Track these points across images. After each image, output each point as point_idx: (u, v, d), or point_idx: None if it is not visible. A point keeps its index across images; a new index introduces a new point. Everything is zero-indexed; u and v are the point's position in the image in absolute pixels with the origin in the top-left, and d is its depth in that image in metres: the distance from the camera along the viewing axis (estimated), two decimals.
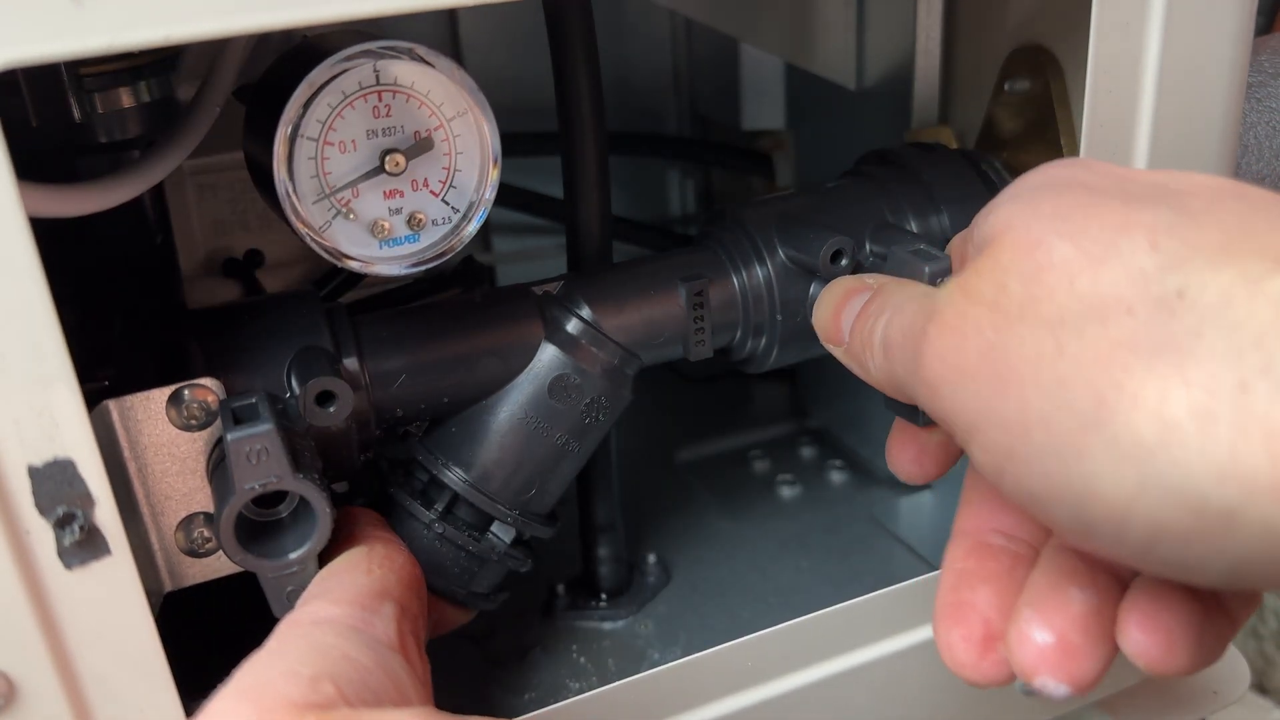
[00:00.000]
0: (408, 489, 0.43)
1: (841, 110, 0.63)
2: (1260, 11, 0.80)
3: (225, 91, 0.39)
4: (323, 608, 0.35)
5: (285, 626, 0.34)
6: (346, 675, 0.32)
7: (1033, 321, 0.27)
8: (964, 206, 0.47)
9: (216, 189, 0.59)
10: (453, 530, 0.42)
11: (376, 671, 0.33)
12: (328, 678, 0.31)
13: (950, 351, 0.29)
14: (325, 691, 0.31)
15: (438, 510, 0.42)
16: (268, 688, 0.31)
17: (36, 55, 0.27)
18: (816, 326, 0.40)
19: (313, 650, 0.33)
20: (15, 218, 0.28)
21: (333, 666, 0.32)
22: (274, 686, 0.31)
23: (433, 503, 0.42)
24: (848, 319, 0.37)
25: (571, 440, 0.43)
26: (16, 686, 0.32)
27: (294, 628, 0.34)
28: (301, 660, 0.32)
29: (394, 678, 0.33)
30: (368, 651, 0.34)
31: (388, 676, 0.33)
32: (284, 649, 0.33)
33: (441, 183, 0.37)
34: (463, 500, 0.43)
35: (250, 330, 0.39)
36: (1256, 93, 0.61)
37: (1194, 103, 0.44)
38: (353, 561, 0.38)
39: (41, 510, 0.31)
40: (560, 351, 0.42)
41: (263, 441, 0.33)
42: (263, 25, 0.30)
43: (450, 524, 0.42)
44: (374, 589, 0.37)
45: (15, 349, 0.30)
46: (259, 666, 0.32)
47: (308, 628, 0.34)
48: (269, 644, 0.33)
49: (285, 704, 0.30)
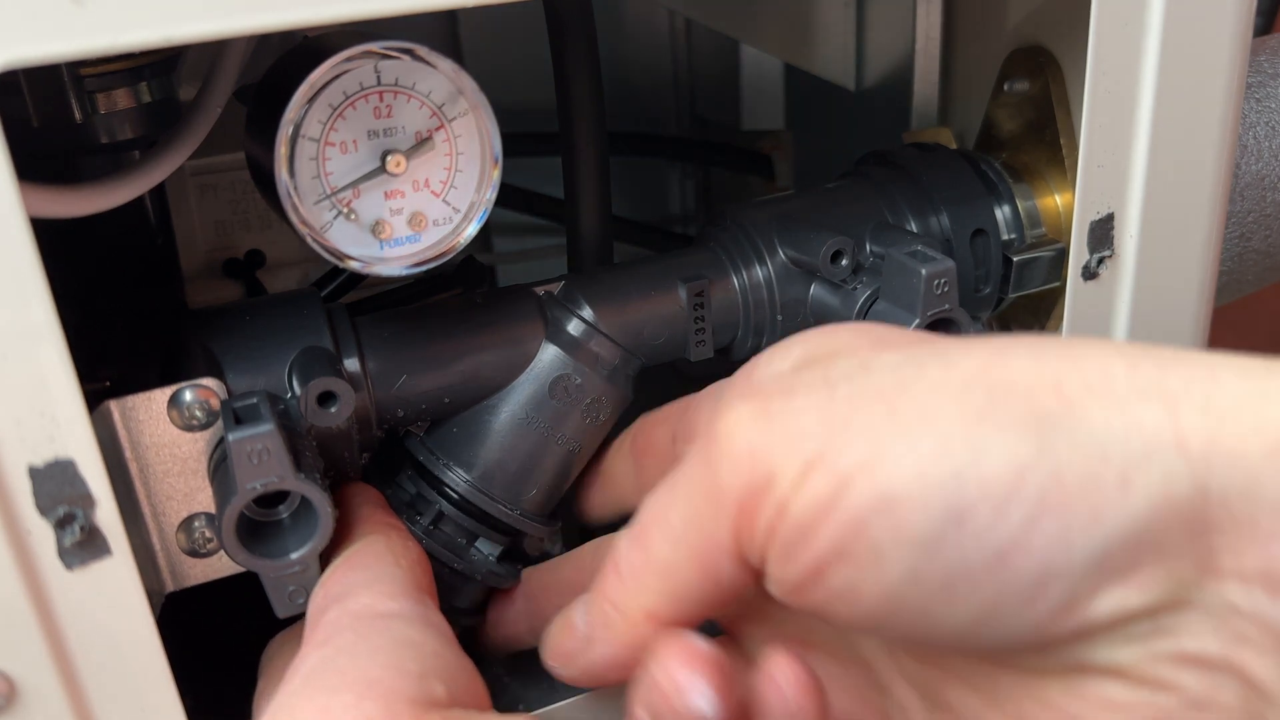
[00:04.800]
0: (394, 502, 0.43)
1: (841, 111, 0.63)
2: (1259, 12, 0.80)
3: (226, 92, 0.39)
4: (379, 600, 0.34)
5: (349, 619, 0.33)
6: (445, 673, 0.31)
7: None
8: (963, 207, 0.47)
9: (217, 189, 0.59)
10: (438, 545, 0.42)
11: (463, 669, 0.32)
12: (434, 675, 0.30)
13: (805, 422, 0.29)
14: (436, 691, 0.30)
15: (423, 524, 0.42)
16: (383, 685, 0.29)
17: (37, 55, 0.27)
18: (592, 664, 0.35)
19: (405, 645, 0.32)
20: (16, 218, 0.28)
21: (431, 664, 0.31)
22: (390, 684, 0.30)
23: (419, 516, 0.42)
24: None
25: (572, 440, 0.43)
26: (17, 687, 0.32)
27: (364, 621, 0.33)
28: (399, 656, 0.31)
29: (472, 675, 0.33)
30: (448, 648, 0.33)
31: (468, 674, 0.32)
32: (369, 644, 0.32)
33: (442, 183, 0.37)
34: (448, 516, 0.43)
35: (251, 331, 0.39)
36: (1256, 93, 0.61)
37: (1193, 103, 0.44)
38: (377, 551, 0.37)
39: (42, 510, 0.31)
40: (561, 352, 0.42)
41: (264, 441, 0.33)
42: (263, 26, 0.30)
43: (435, 539, 0.42)
44: (413, 581, 0.36)
45: (16, 349, 0.30)
46: (357, 661, 0.31)
47: (382, 621, 0.33)
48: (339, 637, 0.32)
49: (407, 702, 0.29)
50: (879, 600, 0.27)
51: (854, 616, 0.28)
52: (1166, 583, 0.26)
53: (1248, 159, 0.59)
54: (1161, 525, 0.25)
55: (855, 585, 0.27)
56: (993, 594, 0.26)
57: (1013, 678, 0.29)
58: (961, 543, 0.26)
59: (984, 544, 0.26)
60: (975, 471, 0.26)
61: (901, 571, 0.27)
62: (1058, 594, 0.26)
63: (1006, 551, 0.26)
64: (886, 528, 0.26)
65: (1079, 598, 0.26)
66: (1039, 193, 0.48)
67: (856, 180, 0.49)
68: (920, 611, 0.27)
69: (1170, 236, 0.46)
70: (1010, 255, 0.48)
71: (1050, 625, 0.26)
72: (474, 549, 0.43)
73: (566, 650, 0.35)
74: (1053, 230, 0.48)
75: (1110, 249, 0.45)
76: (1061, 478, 0.26)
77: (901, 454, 0.27)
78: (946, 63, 0.54)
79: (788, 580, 0.29)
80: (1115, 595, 0.26)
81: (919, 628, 0.28)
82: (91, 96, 0.39)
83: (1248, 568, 0.25)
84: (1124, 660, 0.27)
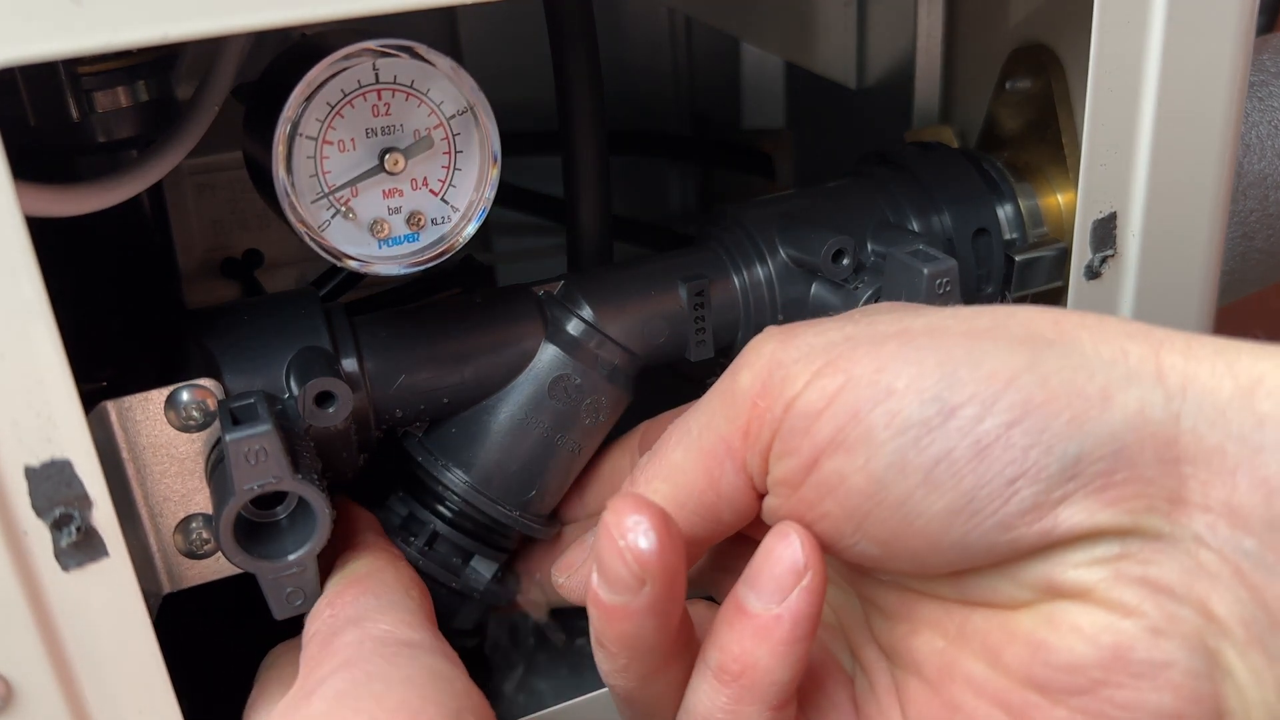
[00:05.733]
0: (386, 524, 0.42)
1: (842, 109, 0.63)
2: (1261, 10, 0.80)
3: (224, 90, 0.39)
4: (400, 628, 0.35)
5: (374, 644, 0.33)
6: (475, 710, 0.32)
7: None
8: (965, 206, 0.47)
9: (215, 188, 0.59)
10: (433, 565, 0.42)
11: (485, 706, 0.33)
12: (468, 711, 0.31)
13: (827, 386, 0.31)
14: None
15: (417, 546, 0.42)
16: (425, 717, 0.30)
17: (34, 54, 0.27)
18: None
19: (437, 678, 0.33)
20: (13, 217, 0.28)
21: (462, 700, 0.32)
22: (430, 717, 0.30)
23: (412, 538, 0.42)
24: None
25: (572, 441, 0.43)
26: (14, 689, 0.32)
27: (390, 648, 0.33)
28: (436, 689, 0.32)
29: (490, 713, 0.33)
30: (471, 684, 0.33)
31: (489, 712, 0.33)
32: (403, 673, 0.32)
33: (441, 182, 0.37)
34: (443, 536, 0.42)
35: (249, 330, 0.39)
36: (1258, 91, 0.61)
37: (1195, 101, 0.44)
38: (387, 580, 0.37)
39: (38, 511, 0.31)
40: (561, 352, 0.42)
41: (261, 442, 0.33)
42: (261, 24, 0.29)
43: (431, 559, 0.42)
44: (425, 609, 0.37)
45: (12, 349, 0.29)
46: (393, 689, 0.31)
47: (409, 650, 0.33)
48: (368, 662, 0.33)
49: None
50: (863, 489, 0.29)
51: (837, 515, 0.30)
52: (1136, 506, 0.27)
53: (1250, 157, 0.59)
54: (1137, 444, 0.27)
55: (844, 474, 0.30)
56: (971, 485, 0.28)
57: (983, 615, 0.31)
58: (948, 434, 0.28)
59: (969, 436, 0.28)
60: (970, 373, 0.28)
61: (889, 457, 0.29)
62: (1031, 492, 0.28)
63: (989, 445, 0.28)
64: (882, 414, 0.29)
65: (1051, 501, 0.28)
66: (1041, 192, 0.48)
67: (858, 179, 0.49)
68: (900, 504, 0.29)
69: (1173, 236, 0.46)
70: (1012, 255, 0.47)
71: (1020, 525, 0.28)
72: (470, 568, 0.43)
73: (572, 559, 0.37)
74: (1055, 229, 0.48)
75: (1113, 248, 0.45)
76: (1048, 384, 0.28)
77: (907, 361, 0.29)
78: (948, 61, 0.54)
79: (782, 476, 0.31)
80: (1086, 507, 0.28)
81: (895, 528, 0.29)
82: (89, 95, 0.39)
83: (1213, 499, 0.27)
84: (1090, 581, 0.28)
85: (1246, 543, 0.26)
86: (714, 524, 0.34)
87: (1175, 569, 0.27)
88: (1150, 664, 0.27)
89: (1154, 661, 0.27)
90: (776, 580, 0.30)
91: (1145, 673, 0.28)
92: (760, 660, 0.30)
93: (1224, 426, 0.27)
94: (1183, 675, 0.27)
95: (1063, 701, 0.29)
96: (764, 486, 0.33)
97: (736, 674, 0.30)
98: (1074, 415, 0.28)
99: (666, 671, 0.32)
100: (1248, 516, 0.26)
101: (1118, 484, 0.27)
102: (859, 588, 0.36)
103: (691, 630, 0.33)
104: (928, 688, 0.32)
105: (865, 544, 0.30)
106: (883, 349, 0.30)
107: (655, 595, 0.29)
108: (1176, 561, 0.27)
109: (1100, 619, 0.28)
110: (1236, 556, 0.27)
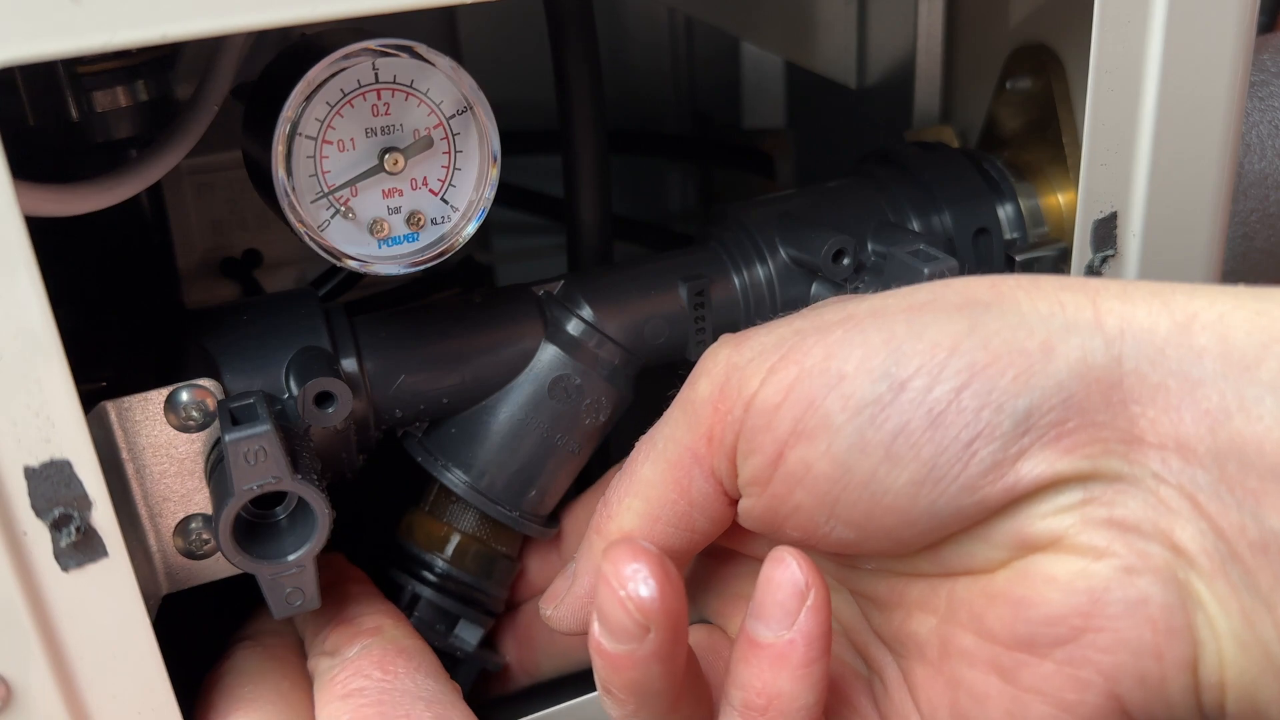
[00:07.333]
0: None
1: (842, 109, 0.63)
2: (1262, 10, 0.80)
3: (223, 90, 0.39)
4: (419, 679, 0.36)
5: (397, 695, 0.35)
6: None
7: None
8: (966, 206, 0.47)
9: (214, 188, 0.59)
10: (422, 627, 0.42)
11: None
12: None
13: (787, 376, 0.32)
14: None
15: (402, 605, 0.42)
16: None
17: (34, 54, 0.27)
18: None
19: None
20: (12, 217, 0.28)
21: None
22: None
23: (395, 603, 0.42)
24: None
25: (572, 441, 0.43)
26: (13, 690, 0.32)
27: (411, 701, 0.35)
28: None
29: None
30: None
31: None
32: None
33: (441, 181, 0.37)
34: (425, 600, 0.43)
35: (248, 331, 0.39)
36: (1259, 91, 0.61)
37: (1196, 101, 0.44)
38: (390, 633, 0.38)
39: (38, 511, 0.31)
40: (561, 352, 0.42)
41: (261, 442, 0.33)
42: (261, 23, 0.29)
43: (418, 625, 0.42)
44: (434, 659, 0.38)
45: (12, 349, 0.29)
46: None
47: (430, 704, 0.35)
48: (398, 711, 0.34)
49: None
50: (829, 474, 0.30)
51: (809, 505, 0.31)
52: (1093, 450, 0.28)
53: (1251, 157, 0.59)
54: (1083, 391, 0.28)
55: (809, 462, 0.30)
56: (931, 454, 0.29)
57: (965, 584, 0.31)
58: (901, 407, 0.29)
59: (921, 407, 0.29)
60: (914, 346, 0.29)
61: (849, 439, 0.30)
62: (989, 452, 0.28)
63: (941, 412, 0.29)
64: (836, 398, 0.30)
65: (1009, 457, 0.28)
66: (1041, 191, 0.48)
67: (858, 179, 0.49)
68: (866, 483, 0.30)
69: (1173, 235, 0.46)
70: (1013, 254, 0.47)
71: (984, 485, 0.29)
72: (454, 635, 0.43)
73: (557, 589, 0.37)
74: (1055, 229, 0.48)
75: (1113, 248, 0.45)
76: (990, 345, 0.29)
77: (854, 344, 0.30)
78: (948, 61, 0.54)
79: (751, 475, 0.32)
80: (1044, 458, 0.28)
81: (866, 508, 0.30)
82: (88, 95, 0.39)
83: (1164, 435, 0.27)
84: (1059, 529, 0.29)
85: (1199, 475, 0.27)
86: (690, 534, 0.34)
87: (1139, 506, 0.28)
88: (1126, 602, 0.28)
89: (1129, 600, 0.28)
90: (782, 606, 0.30)
91: (1122, 613, 0.28)
92: (784, 688, 0.30)
93: (1164, 364, 0.28)
94: (1158, 610, 0.28)
95: (1049, 655, 0.29)
96: (735, 490, 0.33)
97: (763, 708, 0.31)
98: (1019, 372, 0.28)
99: (676, 711, 0.32)
100: (1195, 449, 0.27)
101: (1071, 431, 0.28)
102: (849, 585, 0.36)
103: (696, 665, 0.33)
104: (931, 670, 0.32)
105: (841, 528, 0.31)
106: (830, 336, 0.31)
107: (660, 641, 0.29)
108: (1139, 499, 0.28)
109: (1074, 565, 0.29)
110: (1192, 489, 0.27)
